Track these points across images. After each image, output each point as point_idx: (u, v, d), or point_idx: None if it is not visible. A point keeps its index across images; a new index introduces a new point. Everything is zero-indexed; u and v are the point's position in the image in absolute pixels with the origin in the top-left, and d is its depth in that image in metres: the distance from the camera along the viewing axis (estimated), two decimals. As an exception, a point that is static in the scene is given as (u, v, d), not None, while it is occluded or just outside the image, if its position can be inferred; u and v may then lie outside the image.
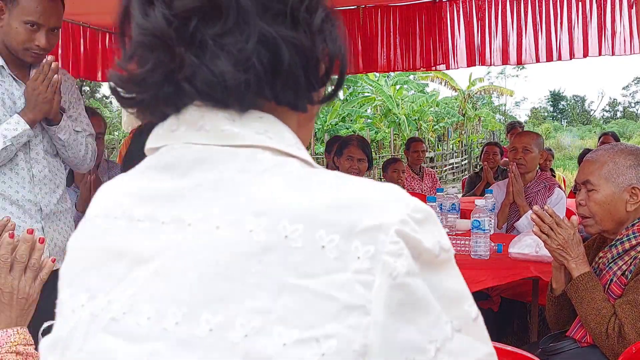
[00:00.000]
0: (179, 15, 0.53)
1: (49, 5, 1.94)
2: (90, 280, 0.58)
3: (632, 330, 1.62)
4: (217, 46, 0.54)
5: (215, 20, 0.54)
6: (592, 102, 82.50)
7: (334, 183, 0.54)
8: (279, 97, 0.57)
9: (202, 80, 0.54)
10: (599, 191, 1.80)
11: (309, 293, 0.49)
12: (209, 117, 0.56)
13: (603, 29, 4.35)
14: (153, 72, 0.55)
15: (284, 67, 0.55)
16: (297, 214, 0.51)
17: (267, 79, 0.55)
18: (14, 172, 2.01)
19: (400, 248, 0.51)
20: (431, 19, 4.84)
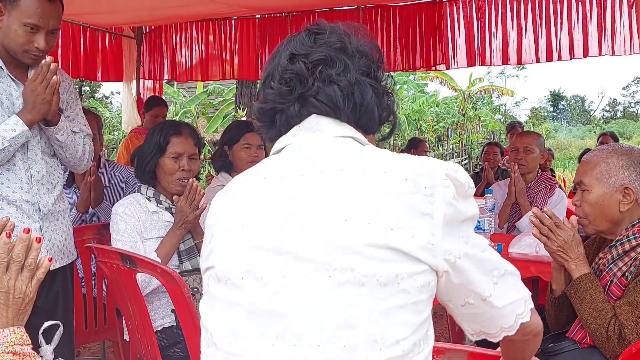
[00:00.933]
0: (312, 63, 0.98)
1: (49, 7, 1.93)
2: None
3: (633, 331, 1.61)
4: (332, 80, 0.98)
5: (332, 67, 0.98)
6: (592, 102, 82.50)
7: (401, 155, 0.97)
8: (361, 121, 1.02)
9: (323, 97, 0.98)
10: (592, 191, 1.81)
11: (407, 201, 0.90)
12: (322, 123, 0.99)
13: (603, 29, 4.35)
14: (290, 92, 0.99)
15: (368, 99, 1.00)
16: (393, 167, 0.93)
17: (359, 105, 1.00)
18: (11, 172, 2.01)
19: (448, 183, 0.92)
20: (431, 19, 4.84)
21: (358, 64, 0.99)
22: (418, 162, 0.94)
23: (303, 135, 0.99)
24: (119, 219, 2.21)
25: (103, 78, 5.60)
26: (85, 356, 3.54)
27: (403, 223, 0.88)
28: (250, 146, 2.90)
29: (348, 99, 0.98)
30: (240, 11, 5.13)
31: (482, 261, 0.96)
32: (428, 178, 0.91)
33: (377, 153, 0.97)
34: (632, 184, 1.76)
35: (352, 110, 0.98)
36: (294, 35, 1.03)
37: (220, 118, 15.90)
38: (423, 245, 0.88)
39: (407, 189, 0.89)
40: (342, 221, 0.88)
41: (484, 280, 0.96)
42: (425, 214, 0.89)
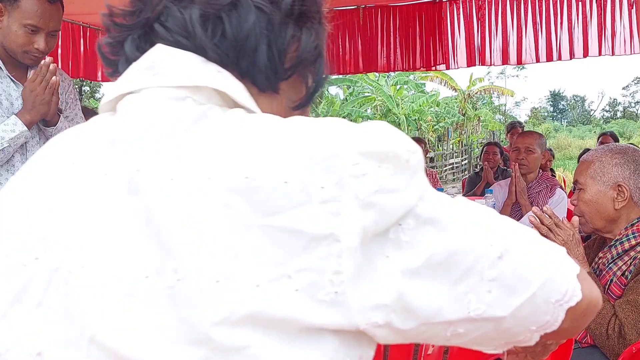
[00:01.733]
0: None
1: (49, 9, 1.93)
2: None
3: (633, 330, 1.61)
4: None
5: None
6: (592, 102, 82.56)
7: (282, 123, 0.54)
8: (239, 63, 0.58)
9: (172, 23, 0.58)
10: (586, 190, 1.83)
11: (275, 230, 0.48)
12: (169, 58, 0.57)
13: (603, 29, 4.35)
14: (133, 14, 0.59)
15: (248, 26, 0.57)
16: (256, 155, 0.50)
17: (231, 37, 0.57)
18: (10, 173, 2.01)
19: (362, 168, 0.50)
20: (431, 19, 4.84)
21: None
22: (307, 142, 0.51)
23: (132, 83, 0.58)
24: None
25: (103, 78, 5.60)
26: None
27: (277, 269, 0.48)
28: None
29: (214, 26, 0.57)
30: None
31: (454, 265, 0.52)
32: (329, 165, 0.49)
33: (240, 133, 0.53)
34: (625, 181, 1.78)
35: (219, 44, 0.58)
36: None
37: (220, 118, 15.91)
38: (321, 299, 0.49)
39: (285, 194, 0.49)
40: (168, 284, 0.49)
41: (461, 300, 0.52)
42: (322, 238, 0.48)
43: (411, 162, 0.52)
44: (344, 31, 5.08)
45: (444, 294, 0.52)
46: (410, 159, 0.52)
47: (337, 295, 0.49)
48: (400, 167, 0.51)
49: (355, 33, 5.05)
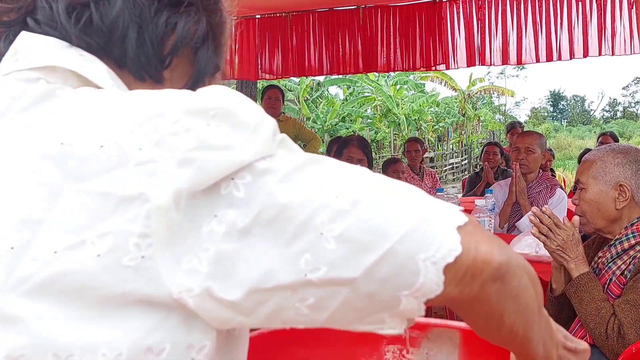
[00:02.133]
0: None
1: None
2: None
3: (632, 330, 1.62)
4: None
5: None
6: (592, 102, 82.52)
7: (118, 94, 0.52)
8: (111, 51, 0.57)
9: (42, 13, 0.56)
10: (588, 190, 1.83)
11: (85, 195, 0.46)
12: (31, 43, 0.56)
13: (603, 29, 4.36)
14: (14, 13, 0.58)
15: (115, 12, 0.56)
16: (76, 121, 0.49)
17: (99, 24, 0.56)
18: None
19: (184, 124, 0.46)
20: (431, 19, 4.84)
21: None
22: (132, 106, 0.49)
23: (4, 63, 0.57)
24: None
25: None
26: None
27: (79, 234, 0.45)
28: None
29: (80, 14, 0.56)
30: (240, 11, 5.12)
31: (287, 221, 0.46)
32: (149, 126, 0.47)
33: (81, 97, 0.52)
34: (627, 181, 1.78)
35: (86, 31, 0.56)
36: None
37: (220, 118, 15.89)
38: (126, 265, 0.45)
39: (100, 158, 0.46)
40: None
41: (296, 260, 0.46)
42: (131, 199, 0.45)
43: (250, 122, 0.48)
44: (344, 31, 5.09)
45: (274, 254, 0.45)
46: (250, 119, 0.48)
47: (144, 261, 0.45)
48: (233, 125, 0.47)
49: (355, 33, 5.05)
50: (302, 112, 19.24)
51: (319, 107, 21.09)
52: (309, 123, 19.38)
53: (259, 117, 0.49)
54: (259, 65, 5.44)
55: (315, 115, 20.25)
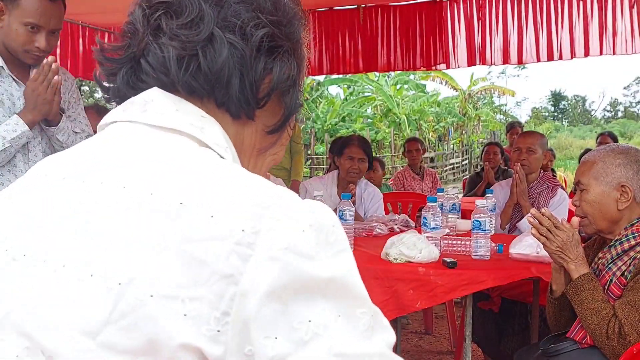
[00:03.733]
0: (152, 7, 0.64)
1: (49, 7, 1.92)
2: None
3: (632, 330, 1.61)
4: (172, 33, 0.63)
5: (178, 14, 0.64)
6: (593, 102, 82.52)
7: (242, 172, 0.60)
8: (214, 93, 0.64)
9: (154, 58, 0.63)
10: (590, 191, 1.82)
11: (188, 257, 0.51)
12: (157, 100, 0.64)
13: (604, 29, 4.35)
14: (122, 50, 0.66)
15: (222, 60, 0.63)
16: (199, 188, 0.56)
17: (206, 71, 0.63)
18: (12, 173, 2.00)
19: (284, 223, 0.53)
20: (431, 19, 4.84)
21: (225, 12, 0.64)
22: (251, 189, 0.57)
23: (129, 114, 0.64)
24: None
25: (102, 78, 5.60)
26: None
27: (176, 289, 0.51)
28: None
29: (188, 63, 0.63)
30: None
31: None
32: (254, 215, 0.53)
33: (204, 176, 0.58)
34: (629, 182, 1.78)
35: (195, 78, 0.63)
36: None
37: (220, 118, 15.90)
38: (203, 333, 0.51)
39: (208, 226, 0.53)
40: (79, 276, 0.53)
41: None
42: (223, 276, 0.51)
43: (337, 246, 0.55)
44: (344, 31, 5.08)
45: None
46: (336, 239, 0.55)
47: (218, 335, 0.51)
48: (323, 241, 0.54)
49: (355, 33, 5.04)
50: (302, 111, 19.26)
51: (319, 107, 21.08)
52: (309, 123, 19.37)
53: (345, 244, 0.56)
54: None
55: (315, 115, 20.25)
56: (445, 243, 2.47)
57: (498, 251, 2.48)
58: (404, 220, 3.18)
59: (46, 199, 0.59)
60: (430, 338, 3.90)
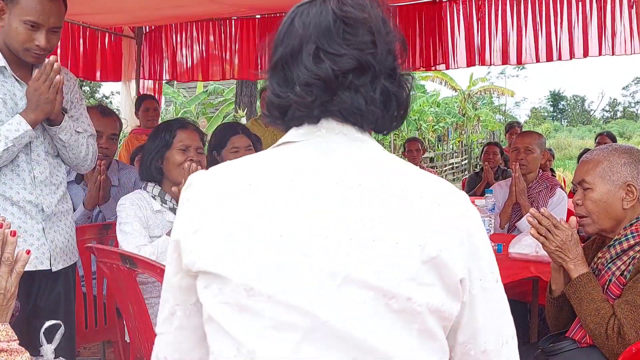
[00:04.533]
0: (341, 70, 0.88)
1: (49, 5, 1.93)
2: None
3: (632, 330, 1.62)
4: (358, 90, 0.89)
5: (361, 76, 0.89)
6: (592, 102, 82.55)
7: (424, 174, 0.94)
8: (377, 125, 0.94)
9: (346, 108, 0.89)
10: (595, 190, 1.81)
11: (452, 227, 0.87)
12: (347, 128, 0.91)
13: (603, 29, 4.35)
14: (314, 102, 0.89)
15: (392, 107, 0.93)
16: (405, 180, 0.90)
17: (383, 113, 0.92)
18: (15, 173, 2.00)
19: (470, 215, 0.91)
20: (431, 19, 4.84)
21: (384, 66, 0.90)
22: (444, 187, 0.92)
23: (324, 135, 0.91)
24: (125, 207, 2.22)
25: (102, 78, 5.61)
26: (85, 356, 3.54)
27: (449, 249, 0.84)
28: (239, 149, 2.85)
29: (372, 109, 0.90)
30: (240, 11, 5.13)
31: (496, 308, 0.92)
32: (458, 202, 0.90)
33: (406, 169, 0.92)
34: (634, 181, 1.77)
35: (372, 118, 0.91)
36: (317, 13, 0.90)
37: (220, 118, 15.89)
38: (462, 268, 0.86)
39: (444, 211, 0.87)
40: (393, 244, 0.82)
41: (490, 329, 0.91)
42: (462, 236, 0.87)
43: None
44: (344, 31, 5.07)
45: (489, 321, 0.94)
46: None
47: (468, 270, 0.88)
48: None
49: (355, 33, 5.04)
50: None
51: (319, 107, 21.06)
52: (309, 123, 19.37)
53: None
54: (259, 65, 5.44)
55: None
56: (445, 243, 2.47)
57: (497, 251, 2.49)
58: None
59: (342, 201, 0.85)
60: (430, 337, 3.90)
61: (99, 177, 2.76)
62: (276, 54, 0.93)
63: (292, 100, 0.90)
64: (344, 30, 0.88)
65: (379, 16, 0.92)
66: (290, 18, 0.93)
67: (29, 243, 2.00)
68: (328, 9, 0.89)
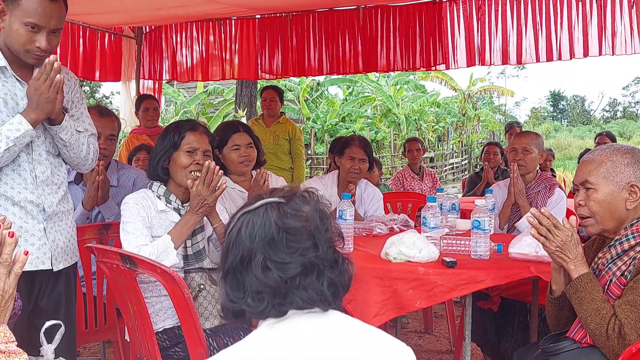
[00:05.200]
0: (289, 276, 1.00)
1: (50, 7, 1.93)
2: None
3: (632, 330, 1.62)
4: (307, 288, 1.01)
5: (307, 276, 1.01)
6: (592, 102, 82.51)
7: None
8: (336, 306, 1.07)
9: (300, 305, 1.02)
10: (598, 190, 1.80)
11: None
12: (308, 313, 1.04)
13: (603, 29, 4.35)
14: (265, 308, 1.00)
15: (341, 293, 1.06)
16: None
17: (332, 299, 1.04)
18: (16, 173, 2.00)
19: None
20: (431, 19, 4.84)
21: (327, 260, 1.04)
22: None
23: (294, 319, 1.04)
24: (128, 206, 2.21)
25: (101, 78, 5.61)
26: (85, 356, 3.54)
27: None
28: (240, 146, 2.90)
29: (323, 299, 1.03)
30: (240, 11, 5.13)
31: None
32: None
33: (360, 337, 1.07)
34: (637, 181, 1.77)
35: (325, 304, 1.06)
36: (261, 225, 1.02)
37: (220, 118, 15.90)
38: None
39: None
40: None
41: None
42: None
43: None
44: (344, 31, 5.08)
45: None
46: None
47: None
48: None
49: (355, 33, 5.05)
50: (302, 112, 19.22)
51: (319, 107, 21.05)
52: (309, 123, 19.35)
53: None
54: (259, 65, 5.44)
55: (315, 115, 20.22)
56: (445, 243, 2.47)
57: (497, 251, 2.49)
58: (403, 220, 3.19)
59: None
60: (430, 337, 3.91)
61: (98, 177, 2.76)
62: (227, 261, 1.04)
63: (245, 308, 1.02)
64: (287, 239, 1.00)
65: (317, 216, 1.04)
66: (237, 228, 1.04)
67: (30, 243, 2.00)
68: (271, 221, 1.01)
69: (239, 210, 1.08)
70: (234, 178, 2.96)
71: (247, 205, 1.07)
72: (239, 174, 2.96)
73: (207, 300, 2.22)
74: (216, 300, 2.24)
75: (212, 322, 2.21)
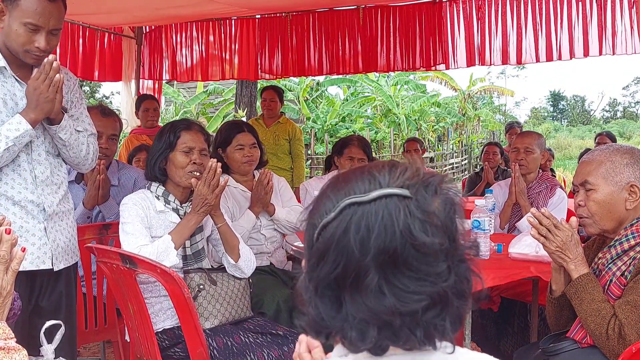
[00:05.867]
0: (408, 311, 0.73)
1: (49, 7, 1.93)
2: None
3: (633, 331, 1.62)
4: (428, 326, 0.75)
5: (429, 310, 0.74)
6: (592, 102, 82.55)
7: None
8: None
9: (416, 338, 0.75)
10: (598, 190, 1.80)
11: None
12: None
13: (603, 29, 4.35)
14: (370, 340, 0.74)
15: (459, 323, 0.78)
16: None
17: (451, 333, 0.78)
18: (16, 173, 2.00)
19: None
20: (431, 19, 4.84)
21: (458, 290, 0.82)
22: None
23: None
24: (127, 207, 2.22)
25: (100, 78, 5.61)
26: (85, 356, 3.54)
27: None
28: (243, 146, 2.90)
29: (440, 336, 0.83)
30: (240, 11, 5.13)
31: None
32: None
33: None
34: (637, 181, 1.77)
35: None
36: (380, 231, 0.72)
37: (220, 118, 15.90)
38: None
39: None
40: None
41: None
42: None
43: None
44: (344, 31, 5.08)
45: None
46: None
47: None
48: None
49: (355, 33, 5.05)
50: (302, 112, 19.23)
51: (319, 107, 21.05)
52: (309, 123, 19.35)
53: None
54: (259, 65, 5.44)
55: (315, 115, 20.22)
56: (445, 243, 2.47)
57: (497, 251, 2.49)
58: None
59: None
60: (430, 338, 3.90)
61: (98, 176, 2.76)
62: (319, 269, 0.74)
63: (340, 335, 0.75)
64: (417, 259, 0.71)
65: (449, 219, 0.74)
66: (342, 226, 0.72)
67: (30, 242, 2.00)
68: (394, 228, 0.70)
69: (337, 191, 0.75)
70: (236, 177, 2.96)
71: (349, 186, 0.74)
72: (242, 173, 2.96)
73: (207, 300, 2.22)
74: (216, 300, 2.24)
75: (212, 322, 2.21)
